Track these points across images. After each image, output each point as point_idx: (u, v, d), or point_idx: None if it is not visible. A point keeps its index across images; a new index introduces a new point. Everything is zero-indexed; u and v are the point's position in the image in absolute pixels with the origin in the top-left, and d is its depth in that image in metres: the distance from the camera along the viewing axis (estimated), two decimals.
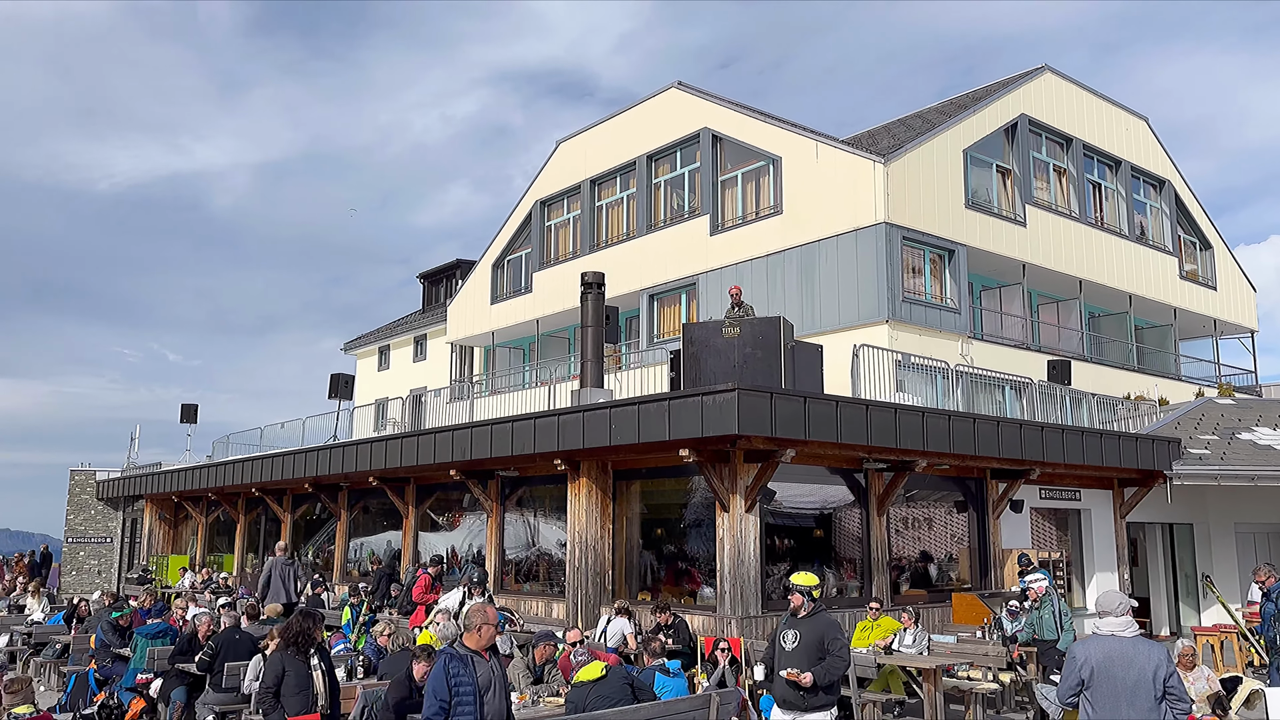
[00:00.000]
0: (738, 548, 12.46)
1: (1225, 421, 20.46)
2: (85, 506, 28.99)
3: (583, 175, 26.13)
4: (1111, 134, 24.91)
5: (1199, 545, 20.08)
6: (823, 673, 6.48)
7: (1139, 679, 5.14)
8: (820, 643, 6.60)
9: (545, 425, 14.22)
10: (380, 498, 20.13)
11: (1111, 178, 24.60)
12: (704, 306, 21.85)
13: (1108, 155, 24.49)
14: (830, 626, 6.84)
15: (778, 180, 21.11)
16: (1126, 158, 24.95)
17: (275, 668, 6.87)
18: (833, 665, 6.56)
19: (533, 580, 17.22)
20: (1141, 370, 24.32)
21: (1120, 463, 17.00)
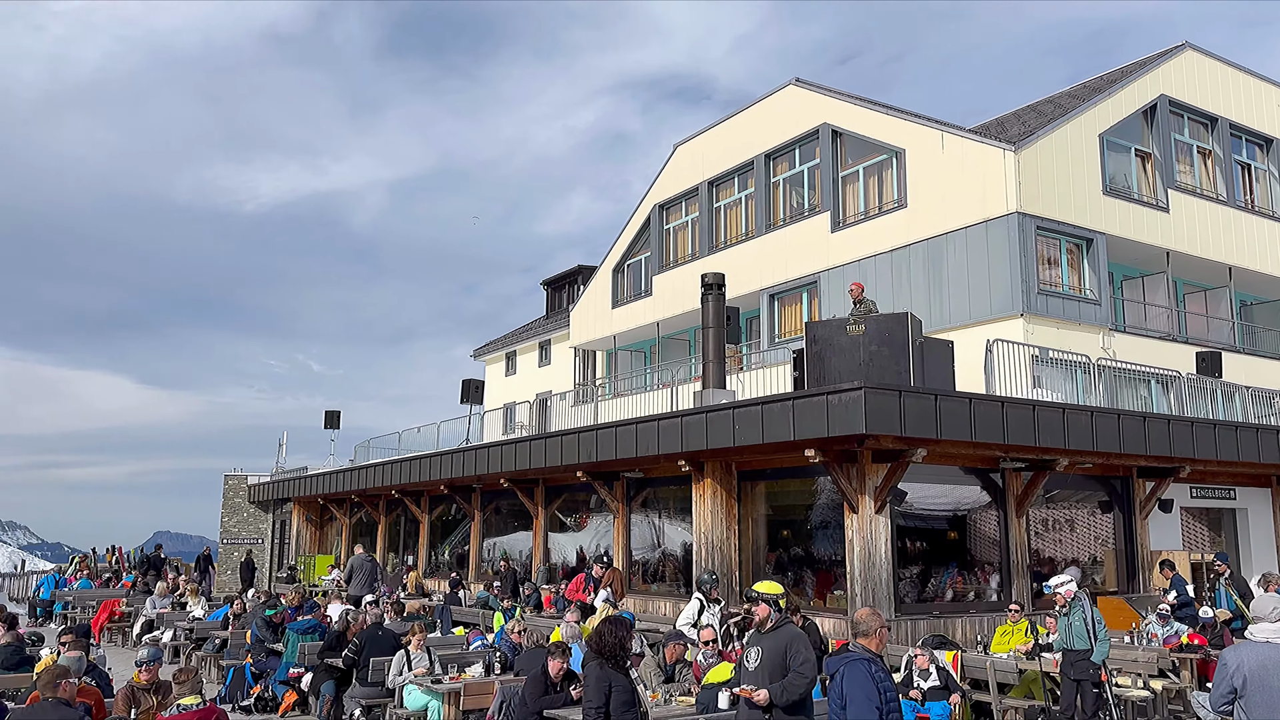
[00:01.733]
0: (868, 549, 12.82)
1: None
2: (238, 509, 29.98)
3: (701, 177, 26.89)
4: (1261, 111, 24.88)
5: None
6: (779, 690, 6.13)
7: None
8: (783, 658, 6.31)
9: (668, 427, 14.81)
10: (511, 499, 21.12)
11: (1262, 157, 24.69)
12: (826, 305, 22.43)
13: (1258, 134, 24.59)
14: (795, 639, 6.50)
15: (901, 173, 21.75)
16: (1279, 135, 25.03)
17: (601, 684, 6.53)
18: (793, 682, 6.17)
19: (659, 581, 17.88)
20: None
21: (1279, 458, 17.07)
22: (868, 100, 23.58)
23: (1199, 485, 18.23)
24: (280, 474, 30.25)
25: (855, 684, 5.68)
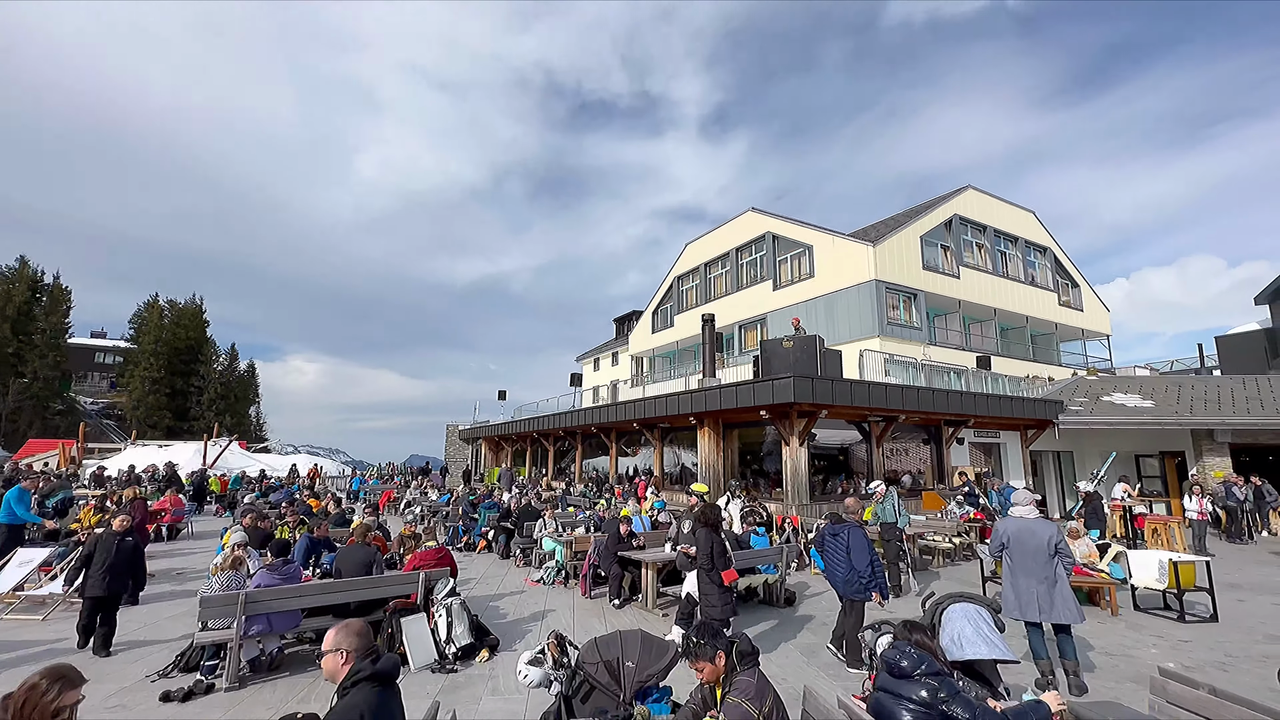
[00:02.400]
0: (795, 466, 12.93)
1: (1092, 390, 20.59)
2: (453, 442, 31.37)
3: (700, 261, 27.14)
4: (1011, 222, 24.71)
5: (1078, 465, 20.20)
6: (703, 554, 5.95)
7: (1039, 544, 5.25)
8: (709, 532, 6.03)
9: (684, 398, 14.94)
10: (596, 439, 21.43)
11: (1012, 248, 24.44)
12: (771, 330, 22.57)
13: (1009, 234, 24.36)
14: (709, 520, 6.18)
15: (810, 258, 21.79)
16: (1021, 235, 24.76)
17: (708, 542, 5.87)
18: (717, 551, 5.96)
19: (679, 483, 17.62)
20: (1035, 360, 24.05)
21: (1025, 415, 17.27)
22: (793, 218, 23.52)
23: (979, 430, 18.02)
24: (474, 425, 30.79)
25: (858, 538, 5.94)
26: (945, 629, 3.80)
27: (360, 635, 2.83)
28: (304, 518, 11.42)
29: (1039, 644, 5.37)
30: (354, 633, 2.83)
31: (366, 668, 2.69)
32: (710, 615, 5.72)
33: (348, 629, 2.84)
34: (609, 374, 35.41)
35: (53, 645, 6.44)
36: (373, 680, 2.66)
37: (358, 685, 2.62)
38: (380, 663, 2.74)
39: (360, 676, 2.66)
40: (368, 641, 2.83)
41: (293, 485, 21.65)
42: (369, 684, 2.64)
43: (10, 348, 53.97)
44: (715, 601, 5.78)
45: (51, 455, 26.48)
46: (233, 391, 65.20)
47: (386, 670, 2.73)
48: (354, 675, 2.67)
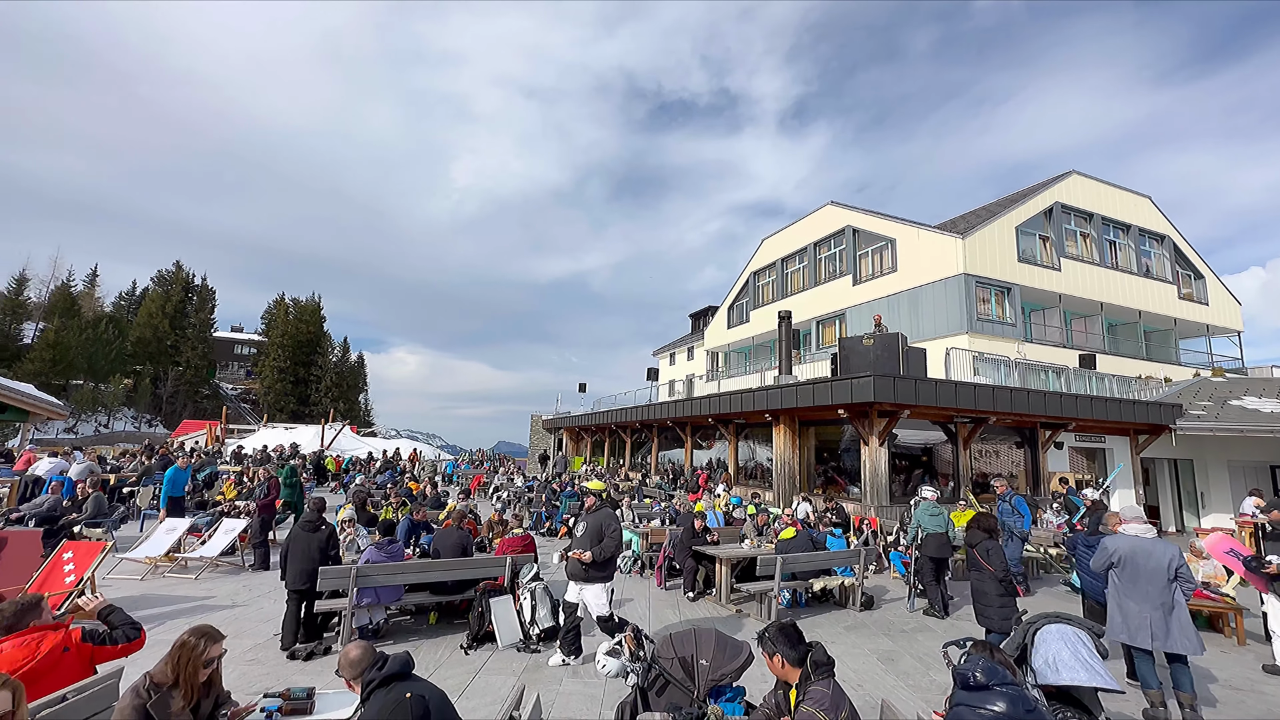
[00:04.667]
0: (875, 466, 12.38)
1: (1218, 392, 18.32)
2: (537, 431, 31.50)
3: (777, 256, 26.35)
4: (1122, 208, 22.35)
5: (1198, 474, 18.01)
6: (598, 551, 5.42)
7: (1156, 566, 4.79)
8: (599, 529, 5.52)
9: (760, 395, 14.55)
10: (671, 432, 21.32)
11: (1123, 236, 22.05)
12: (850, 327, 21.70)
13: (1120, 222, 22.00)
14: (607, 517, 5.62)
15: (893, 252, 20.71)
16: (1134, 223, 22.32)
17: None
18: (605, 546, 5.44)
19: (753, 478, 17.31)
20: (1150, 359, 21.70)
21: (1134, 419, 15.62)
22: (874, 211, 22.42)
23: (1081, 434, 16.50)
24: (556, 415, 31.28)
25: None
26: (1038, 651, 3.52)
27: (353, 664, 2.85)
28: (405, 499, 12.20)
29: (1149, 673, 4.87)
30: (346, 663, 2.87)
31: (375, 676, 2.74)
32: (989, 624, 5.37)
33: (343, 657, 2.88)
34: (684, 368, 35.11)
35: (202, 601, 7.29)
36: (384, 684, 2.72)
37: (372, 696, 2.69)
38: (386, 666, 2.79)
39: (372, 687, 2.72)
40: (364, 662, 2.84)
41: (395, 468, 23.20)
42: (380, 689, 2.69)
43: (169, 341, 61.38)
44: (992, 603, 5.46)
45: (200, 434, 29.92)
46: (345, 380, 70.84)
47: (396, 669, 2.77)
48: (366, 689, 2.74)
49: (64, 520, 9.25)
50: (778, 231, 27.15)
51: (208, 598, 7.47)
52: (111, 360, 53.09)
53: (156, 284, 66.37)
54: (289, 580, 5.93)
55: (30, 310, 52.40)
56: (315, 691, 3.25)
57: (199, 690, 2.83)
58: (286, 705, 3.09)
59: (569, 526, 13.76)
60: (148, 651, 5.37)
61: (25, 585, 6.22)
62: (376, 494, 13.18)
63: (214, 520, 9.91)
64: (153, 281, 67.09)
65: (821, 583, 7.88)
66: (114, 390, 52.91)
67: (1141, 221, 22.99)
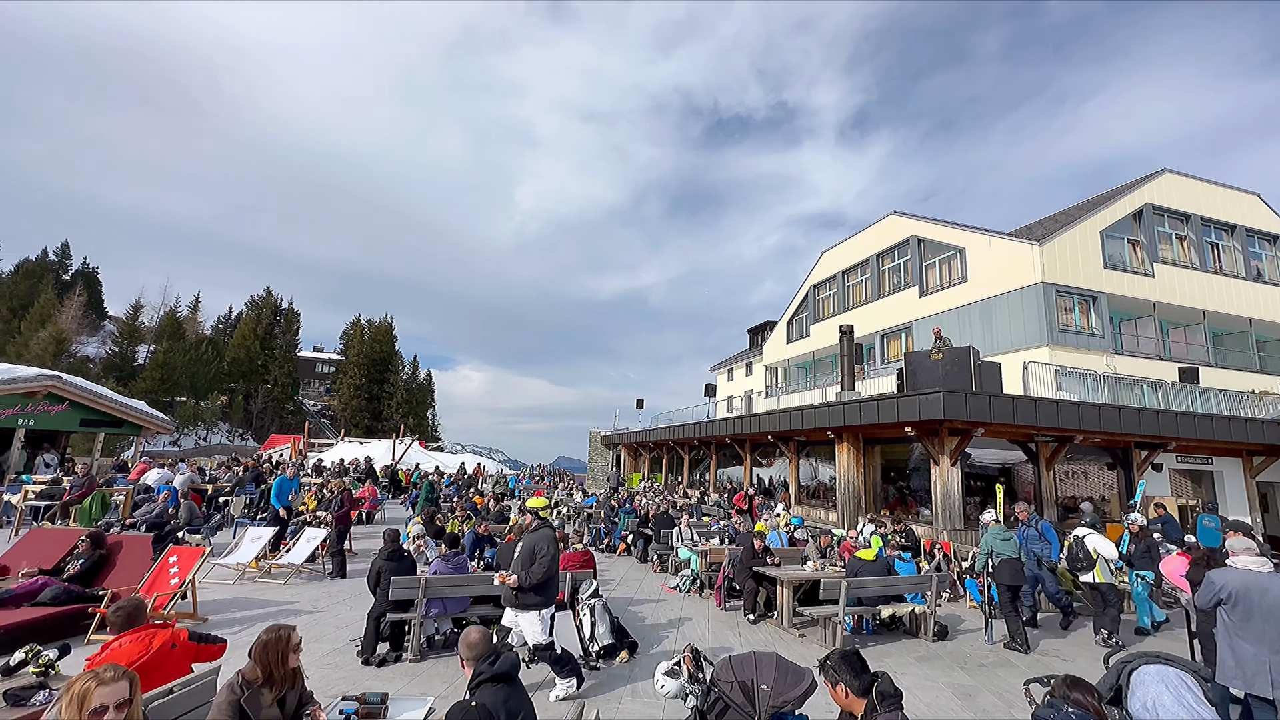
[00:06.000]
0: (946, 487, 11.85)
1: None
2: (595, 447, 32.03)
3: (837, 269, 25.70)
4: (1225, 207, 20.46)
5: None
6: (525, 576, 4.97)
7: (1275, 604, 4.37)
8: (531, 552, 5.09)
9: (821, 412, 14.20)
10: (730, 449, 21.06)
11: (1228, 238, 20.19)
12: (916, 340, 20.88)
13: (1223, 222, 20.14)
14: (542, 539, 5.17)
15: (963, 262, 19.81)
16: (1240, 222, 20.37)
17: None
18: (534, 571, 4.99)
19: (815, 497, 16.96)
20: (1265, 372, 19.54)
21: (1247, 438, 13.98)
22: (940, 220, 21.53)
23: (1184, 455, 15.19)
24: (614, 431, 31.69)
25: None
26: (1135, 694, 3.24)
27: (473, 645, 3.08)
28: (470, 513, 12.59)
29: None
30: (467, 643, 3.10)
31: (486, 670, 2.94)
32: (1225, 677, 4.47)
33: (464, 639, 3.12)
34: (743, 384, 34.66)
35: (287, 606, 7.78)
36: (493, 681, 2.91)
37: (480, 686, 2.88)
38: (498, 664, 2.98)
39: (482, 679, 2.92)
40: (482, 648, 3.07)
41: (460, 483, 23.98)
42: (490, 684, 2.89)
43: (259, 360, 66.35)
44: None
45: (286, 447, 32.05)
46: (415, 396, 74.18)
47: (504, 670, 2.96)
48: (476, 678, 2.94)
49: (169, 526, 10.12)
50: (838, 244, 26.53)
51: (291, 602, 7.96)
52: (210, 379, 57.95)
53: (249, 308, 72.14)
54: (376, 605, 6.27)
55: (143, 334, 58.12)
56: (388, 698, 3.41)
57: (289, 678, 3.05)
58: (362, 709, 3.25)
59: (628, 543, 13.74)
60: (239, 653, 5.79)
61: (137, 585, 6.85)
62: (443, 507, 13.67)
63: (298, 530, 10.57)
64: (246, 306, 72.98)
65: (890, 609, 7.53)
66: (212, 406, 57.63)
67: (1249, 221, 21.02)
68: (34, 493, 12.55)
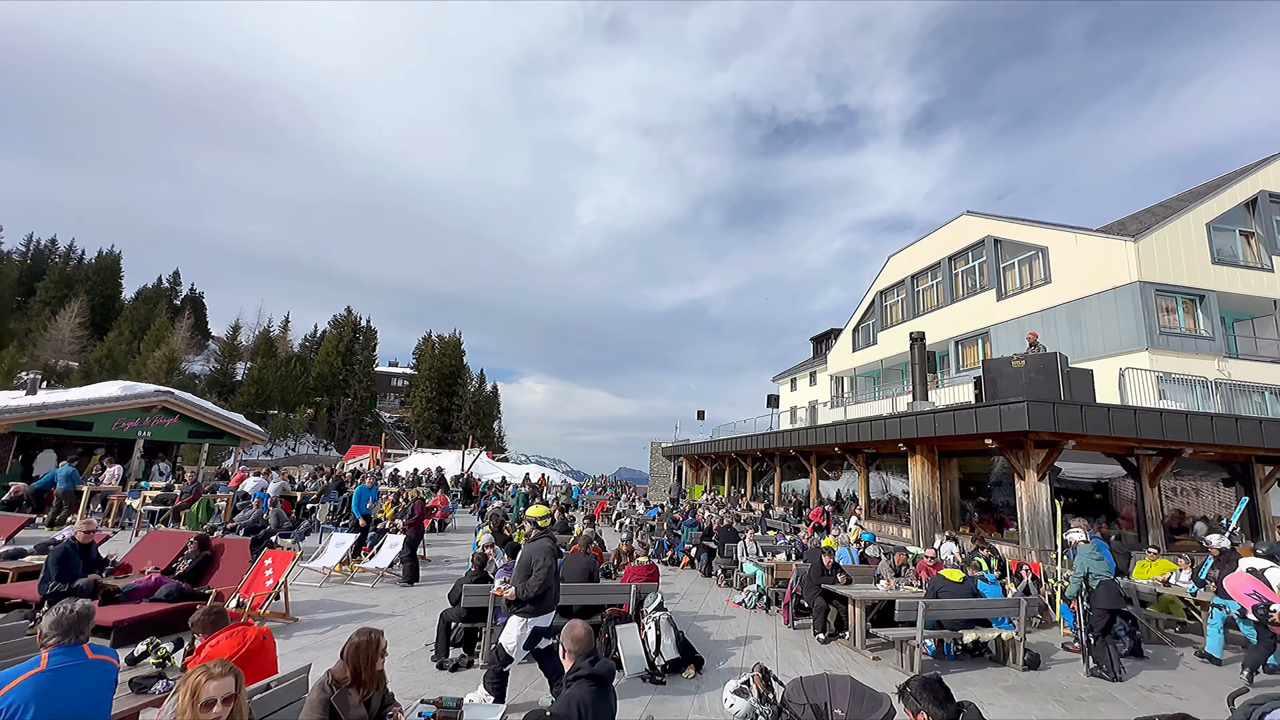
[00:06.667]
0: (1033, 504, 11.13)
1: None
2: (657, 459, 32.19)
3: (906, 273, 24.69)
4: None
5: None
6: (522, 588, 4.89)
7: None
8: (528, 564, 4.98)
9: (892, 423, 13.69)
10: (795, 461, 20.56)
11: None
12: (995, 346, 19.65)
13: None
14: (539, 550, 5.04)
15: (1045, 261, 18.53)
16: None
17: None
18: (530, 584, 4.87)
19: (886, 512, 16.39)
20: None
21: None
22: (1019, 218, 20.30)
23: None
24: (675, 443, 31.37)
25: None
26: None
27: (578, 639, 3.21)
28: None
29: None
30: (573, 636, 3.23)
31: (585, 667, 3.04)
32: None
33: (570, 630, 3.26)
34: (806, 394, 33.82)
35: (368, 609, 8.19)
36: (590, 679, 3.00)
37: (577, 680, 2.97)
38: (597, 665, 3.08)
39: (580, 674, 3.02)
40: (586, 644, 3.19)
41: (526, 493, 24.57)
42: (587, 681, 2.97)
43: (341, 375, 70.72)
44: None
45: (365, 458, 33.92)
46: (482, 409, 76.79)
47: (601, 673, 3.05)
48: (574, 671, 3.05)
49: (264, 531, 10.91)
50: (906, 247, 25.46)
51: (372, 606, 8.38)
52: (298, 393, 62.29)
53: (332, 326, 77.20)
54: (449, 610, 6.54)
55: (241, 352, 63.31)
56: (463, 703, 3.52)
57: (375, 680, 3.21)
58: (440, 713, 3.38)
59: (691, 556, 13.64)
60: (326, 651, 6.14)
61: (237, 585, 7.41)
62: (510, 517, 14.04)
63: (379, 536, 11.14)
64: (329, 325, 78.14)
65: (974, 635, 7.08)
66: (299, 418, 61.87)
67: None
68: (151, 498, 13.86)
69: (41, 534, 11.76)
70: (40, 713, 2.63)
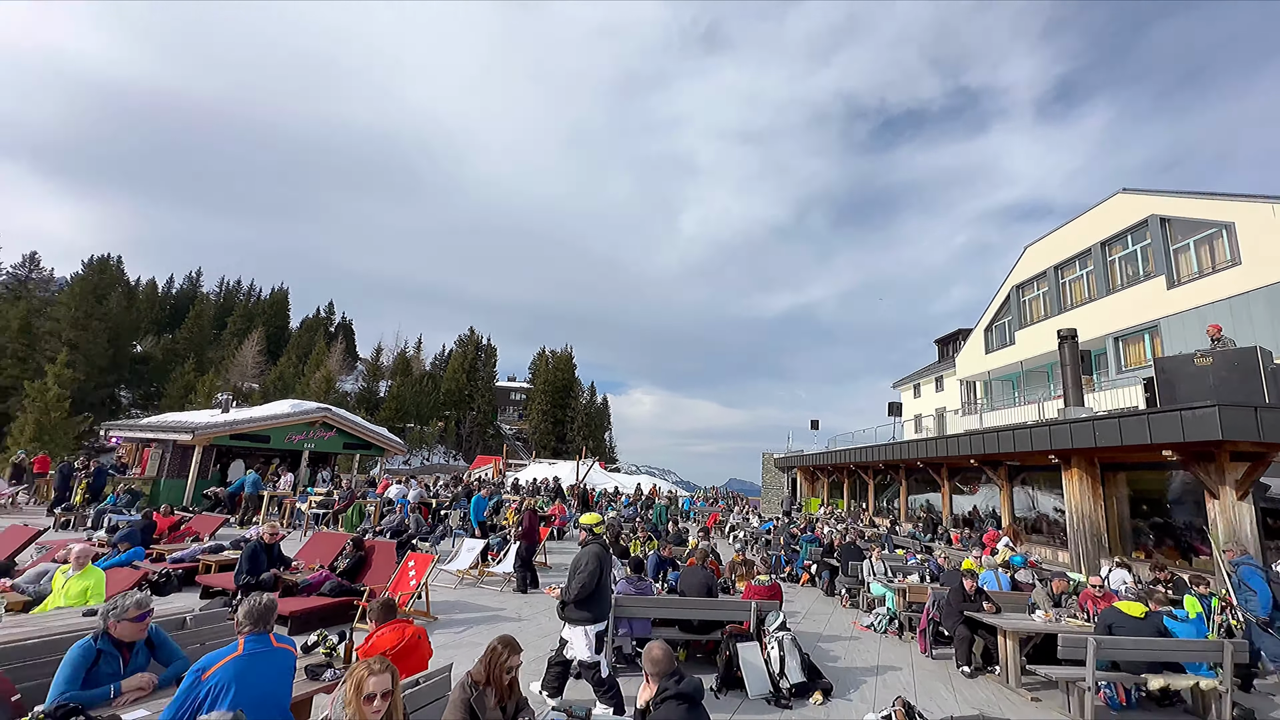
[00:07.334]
0: (1231, 526, 9.44)
1: None
2: (769, 470, 31.32)
3: (1048, 264, 22.20)
4: None
5: None
6: (566, 591, 5.06)
7: None
8: (574, 568, 5.18)
9: (1040, 432, 12.34)
10: (923, 474, 19.21)
11: None
12: (1168, 342, 16.90)
13: None
14: (586, 556, 5.22)
15: (1231, 240, 15.72)
16: None
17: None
18: (571, 586, 5.03)
19: (1035, 532, 14.93)
20: None
21: None
22: (1191, 192, 17.49)
23: None
24: (788, 454, 30.47)
25: None
26: None
27: (656, 660, 3.18)
28: (651, 534, 12.95)
29: None
30: (651, 658, 3.21)
31: (671, 687, 3.00)
32: None
33: (648, 652, 3.24)
34: (932, 401, 31.35)
35: (497, 612, 8.66)
36: (679, 699, 2.96)
37: (666, 702, 2.94)
38: (684, 684, 3.03)
39: (667, 694, 2.99)
40: (666, 665, 3.15)
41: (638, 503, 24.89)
42: (675, 701, 2.96)
43: (466, 391, 76.40)
44: None
45: (489, 467, 36.25)
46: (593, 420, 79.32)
47: (689, 692, 3.00)
48: (661, 694, 3.02)
49: (406, 535, 11.97)
50: (1047, 235, 22.89)
51: (500, 609, 8.85)
52: (430, 408, 68.17)
53: (458, 345, 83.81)
54: None
55: (383, 372, 70.57)
56: (592, 713, 3.57)
57: (505, 691, 3.35)
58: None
59: (811, 573, 13.10)
60: (463, 650, 6.55)
61: (386, 583, 8.16)
62: (626, 527, 14.25)
63: (504, 543, 11.78)
64: (455, 344, 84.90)
65: (1162, 681, 6.04)
66: (431, 431, 67.59)
67: None
68: (315, 502, 15.75)
69: (234, 531, 13.76)
70: (239, 692, 3.02)
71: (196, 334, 60.76)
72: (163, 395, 48.61)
